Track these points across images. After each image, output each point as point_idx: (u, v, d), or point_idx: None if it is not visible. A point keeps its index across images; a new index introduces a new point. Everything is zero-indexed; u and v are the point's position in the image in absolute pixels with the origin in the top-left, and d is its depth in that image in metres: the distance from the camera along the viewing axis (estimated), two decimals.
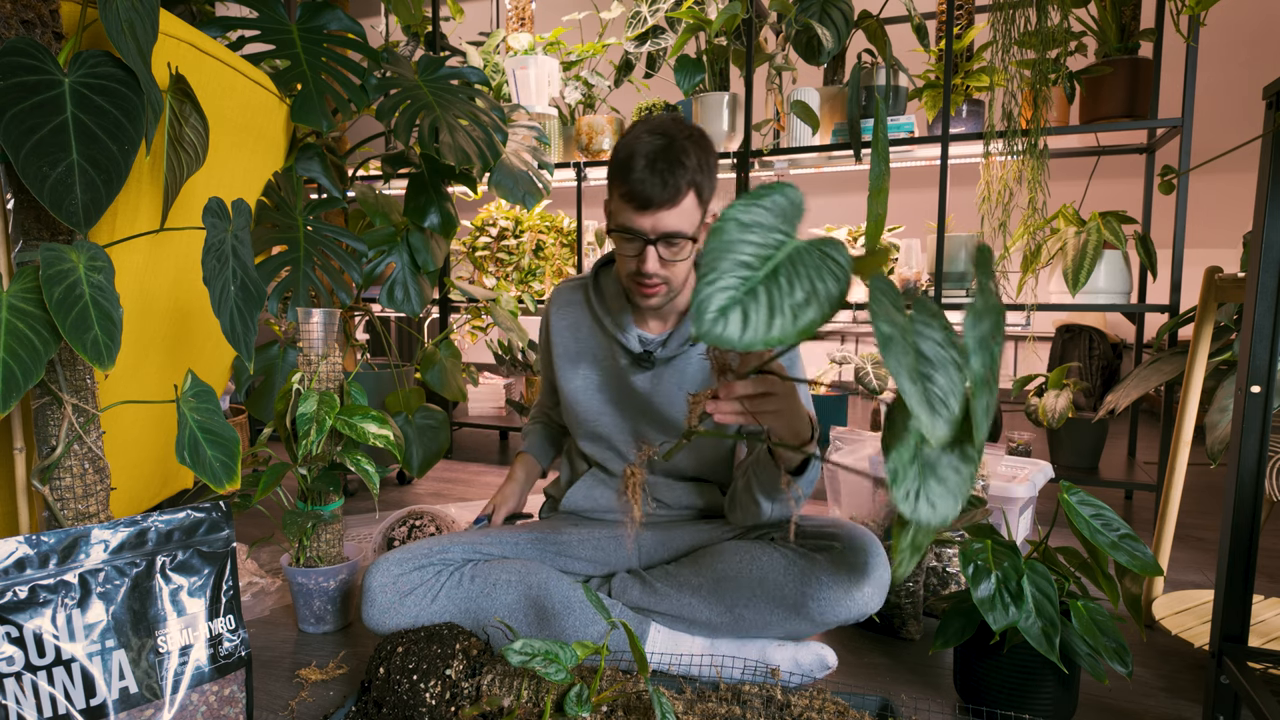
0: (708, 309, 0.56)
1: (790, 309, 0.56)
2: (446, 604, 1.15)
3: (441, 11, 2.67)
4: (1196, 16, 1.73)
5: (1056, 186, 2.08)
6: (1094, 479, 2.05)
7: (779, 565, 1.11)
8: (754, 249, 0.59)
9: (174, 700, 0.90)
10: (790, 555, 1.12)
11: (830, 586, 1.08)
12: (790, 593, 1.09)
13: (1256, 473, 0.94)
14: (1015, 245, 2.06)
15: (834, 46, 2.10)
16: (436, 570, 1.18)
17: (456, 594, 1.16)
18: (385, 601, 1.14)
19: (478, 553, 1.23)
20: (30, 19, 0.88)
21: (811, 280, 0.58)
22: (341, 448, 1.31)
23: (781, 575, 1.10)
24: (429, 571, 1.17)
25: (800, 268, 0.59)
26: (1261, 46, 3.45)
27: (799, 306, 0.56)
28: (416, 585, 1.16)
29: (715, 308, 0.56)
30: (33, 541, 0.84)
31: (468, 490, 2.30)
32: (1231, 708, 0.96)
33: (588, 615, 1.13)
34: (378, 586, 1.15)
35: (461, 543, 1.22)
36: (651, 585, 1.19)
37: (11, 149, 0.79)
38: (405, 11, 2.54)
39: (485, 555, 1.23)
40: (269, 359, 1.82)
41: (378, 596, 1.15)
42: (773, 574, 1.11)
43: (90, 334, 0.81)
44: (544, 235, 2.93)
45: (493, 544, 1.24)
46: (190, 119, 1.04)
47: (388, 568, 1.16)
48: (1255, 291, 0.92)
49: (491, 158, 1.67)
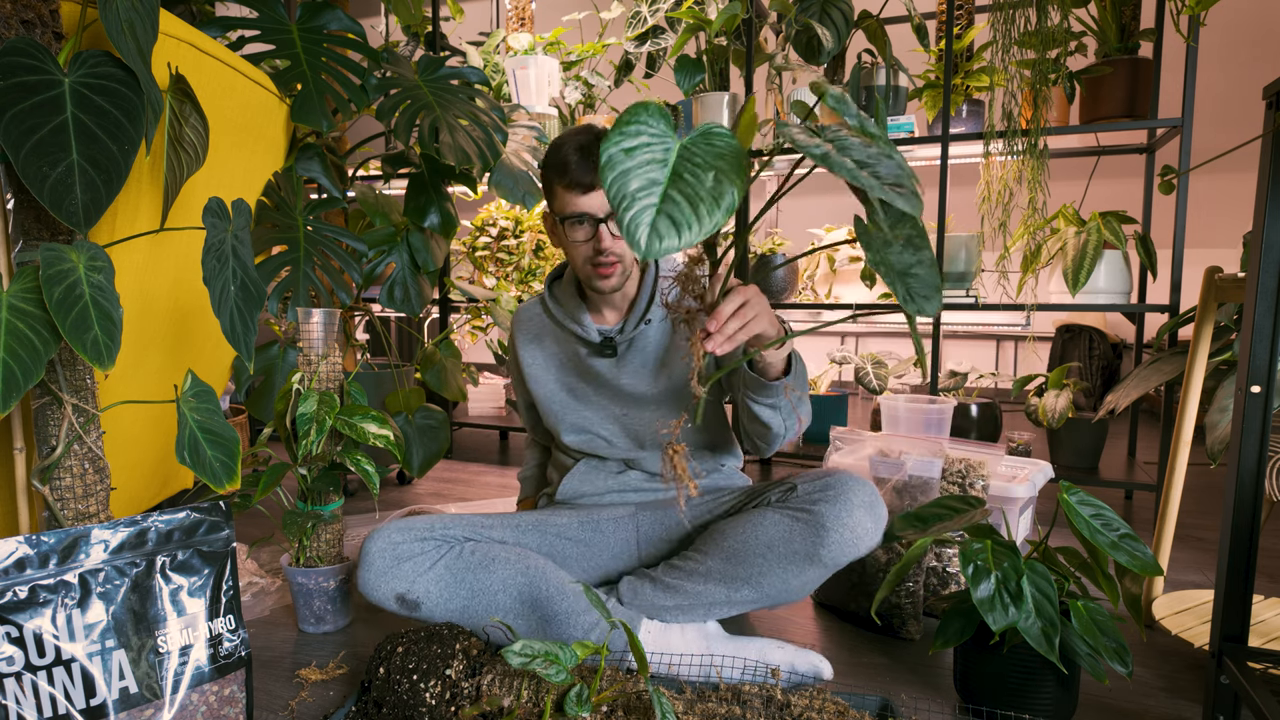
0: (638, 232, 0.59)
1: (709, 195, 0.60)
2: (443, 573, 1.18)
3: (441, 11, 2.67)
4: (1196, 16, 1.73)
5: (1056, 186, 2.08)
6: (1094, 479, 2.05)
7: (783, 525, 1.13)
8: (648, 165, 0.63)
9: (174, 700, 0.90)
10: (791, 513, 1.14)
11: (836, 530, 1.10)
12: (801, 546, 1.12)
13: (1256, 473, 0.94)
14: (1015, 245, 2.06)
15: (834, 46, 2.10)
16: (436, 544, 1.21)
17: (456, 565, 1.18)
18: (382, 565, 1.17)
19: (478, 534, 1.26)
20: (30, 19, 0.88)
21: (712, 164, 0.62)
22: (341, 448, 1.31)
23: (788, 533, 1.13)
24: (429, 544, 1.20)
25: (696, 159, 0.63)
26: (1261, 46, 3.45)
27: (714, 189, 0.60)
28: (416, 554, 1.19)
29: (645, 227, 0.59)
30: (33, 541, 0.84)
31: (468, 490, 2.30)
32: (1231, 708, 0.96)
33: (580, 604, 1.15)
34: (376, 550, 1.18)
35: (463, 523, 1.26)
36: (664, 582, 1.19)
37: (11, 149, 0.79)
38: (405, 11, 2.55)
39: (485, 538, 1.26)
40: (269, 359, 1.82)
41: (375, 560, 1.17)
42: (780, 535, 1.13)
43: (90, 334, 0.81)
44: (544, 235, 2.93)
45: (493, 527, 1.27)
46: (190, 119, 1.04)
47: (389, 534, 1.19)
48: (1255, 291, 0.92)
49: (491, 158, 1.67)
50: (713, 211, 0.59)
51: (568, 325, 1.31)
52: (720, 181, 0.60)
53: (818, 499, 1.14)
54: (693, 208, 0.59)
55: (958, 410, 2.17)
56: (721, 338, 0.91)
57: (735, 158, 0.62)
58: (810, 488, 1.17)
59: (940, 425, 1.65)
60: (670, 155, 0.64)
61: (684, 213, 0.59)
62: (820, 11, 2.13)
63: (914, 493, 1.34)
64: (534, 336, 1.38)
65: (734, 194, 0.60)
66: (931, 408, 1.66)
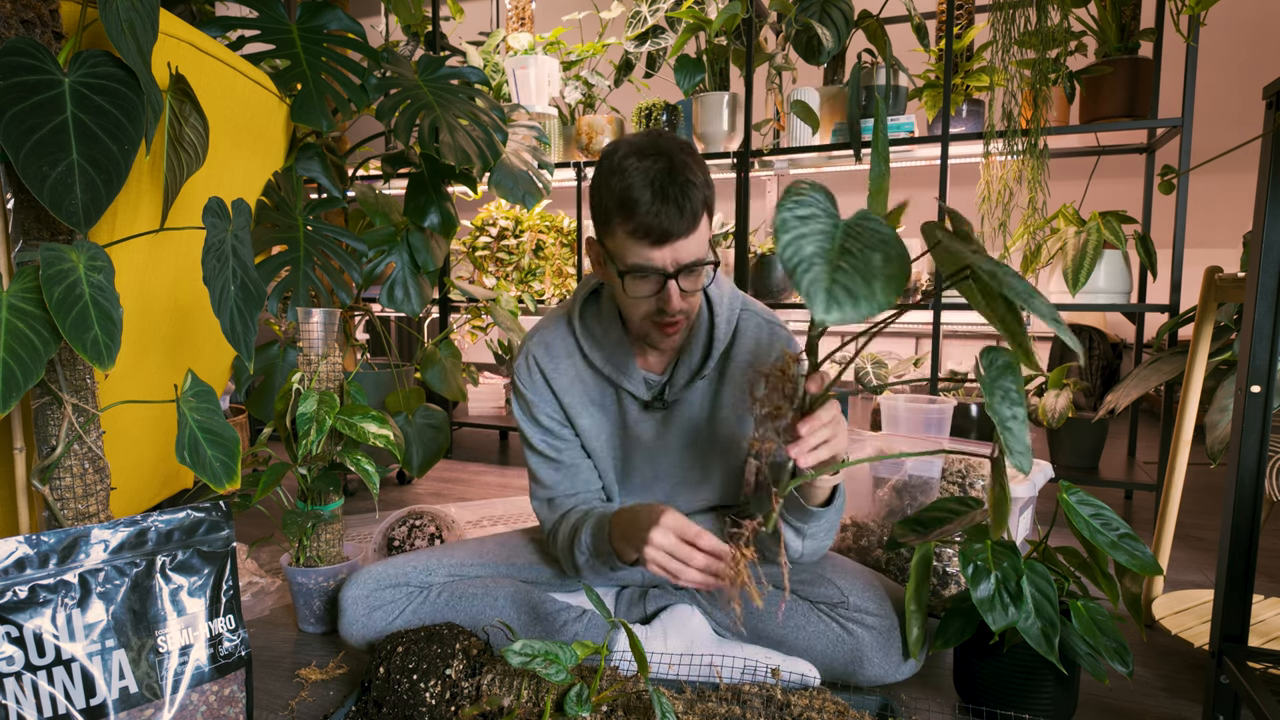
0: (816, 299, 0.59)
1: (881, 273, 0.60)
2: (410, 619, 1.17)
3: (441, 11, 2.67)
4: (1196, 16, 1.73)
5: (1056, 186, 2.08)
6: (1094, 479, 2.05)
7: (826, 638, 1.11)
8: (818, 236, 0.64)
9: (174, 700, 0.90)
10: (835, 628, 1.11)
11: (875, 665, 1.09)
12: (839, 663, 1.10)
13: (1256, 473, 0.94)
14: (1015, 245, 2.06)
15: (834, 46, 2.10)
16: (407, 590, 1.19)
17: (422, 609, 1.18)
18: (354, 614, 1.17)
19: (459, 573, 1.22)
20: (30, 19, 0.88)
21: (878, 246, 0.63)
22: (341, 447, 1.31)
23: (830, 648, 1.11)
24: (401, 590, 1.19)
25: (862, 237, 0.64)
26: (1261, 46, 3.45)
27: (883, 268, 0.61)
28: (386, 602, 1.18)
29: (822, 295, 0.59)
30: (33, 541, 0.84)
31: (468, 490, 2.30)
32: (1231, 708, 0.96)
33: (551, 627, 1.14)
34: (349, 600, 1.18)
35: (446, 563, 1.22)
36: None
37: (11, 149, 0.79)
38: (405, 11, 2.55)
39: (461, 576, 1.22)
40: (269, 359, 1.82)
41: (348, 609, 1.17)
42: (820, 645, 1.11)
43: (90, 334, 0.81)
44: (544, 235, 2.93)
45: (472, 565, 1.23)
46: (190, 119, 1.04)
47: (363, 582, 1.18)
48: (1255, 291, 0.92)
49: (491, 157, 1.66)
50: (885, 289, 0.59)
51: (611, 376, 1.13)
52: (889, 262, 0.61)
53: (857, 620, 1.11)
54: (865, 283, 0.60)
55: (958, 410, 2.16)
56: (808, 447, 0.84)
57: (899, 244, 0.63)
58: (861, 600, 1.12)
59: (940, 425, 1.65)
60: (837, 231, 0.65)
61: (857, 285, 0.59)
62: (820, 11, 2.13)
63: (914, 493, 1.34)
64: (573, 379, 1.14)
65: (903, 276, 0.60)
66: (931, 408, 1.66)
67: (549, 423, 1.16)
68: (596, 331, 1.14)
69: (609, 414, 1.17)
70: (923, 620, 1.10)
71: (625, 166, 0.95)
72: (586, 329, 1.14)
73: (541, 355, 1.15)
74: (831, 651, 1.11)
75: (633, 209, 0.94)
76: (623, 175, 0.95)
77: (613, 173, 0.96)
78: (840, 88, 2.29)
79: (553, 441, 1.17)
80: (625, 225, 0.95)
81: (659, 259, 0.96)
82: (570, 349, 1.15)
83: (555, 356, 1.15)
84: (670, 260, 0.96)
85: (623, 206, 0.95)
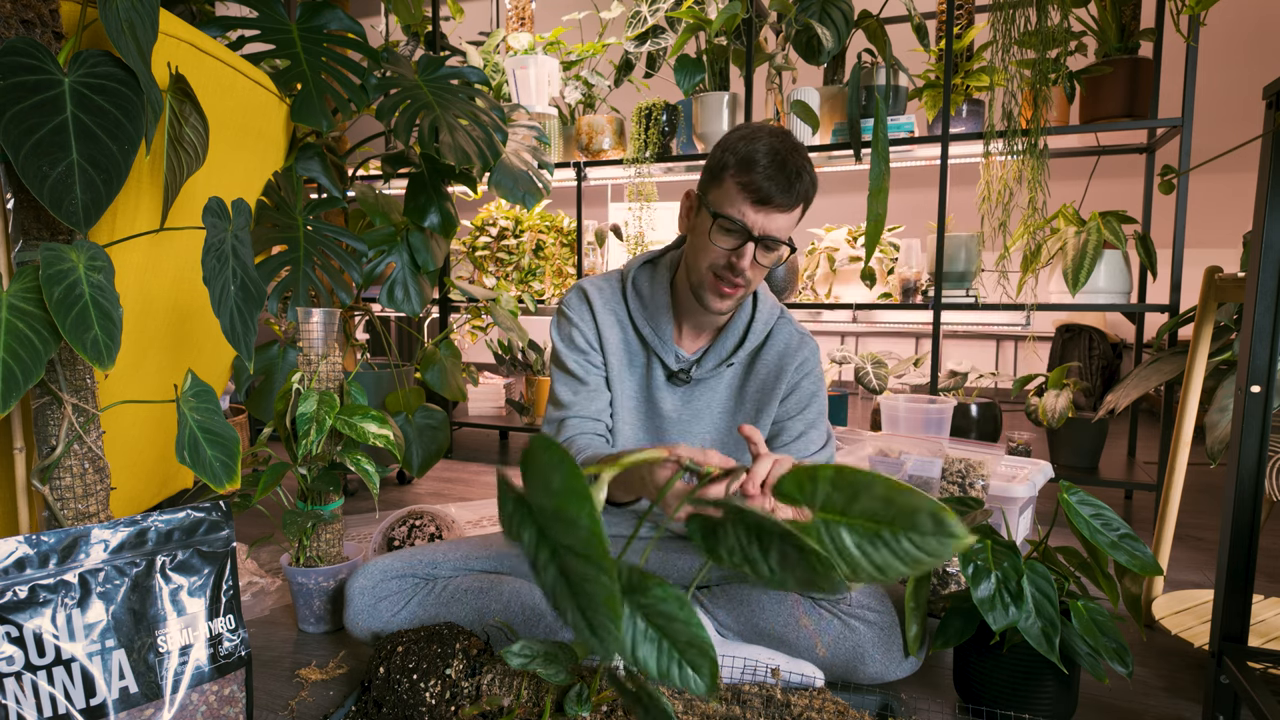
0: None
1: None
2: (416, 610, 1.18)
3: (441, 11, 2.67)
4: (1196, 16, 1.73)
5: (1056, 186, 2.08)
6: (1094, 479, 2.05)
7: (826, 635, 1.12)
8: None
9: (174, 700, 0.90)
10: (835, 624, 1.12)
11: (876, 662, 1.10)
12: (840, 660, 1.11)
13: (1256, 473, 0.94)
14: (1015, 245, 2.06)
15: (834, 46, 2.10)
16: (413, 581, 1.20)
17: (426, 601, 1.18)
18: (360, 604, 1.18)
19: (466, 566, 1.23)
20: (30, 18, 0.88)
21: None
22: (341, 447, 1.31)
23: (831, 644, 1.11)
24: (406, 581, 1.20)
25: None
26: (1261, 46, 3.45)
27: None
28: (392, 592, 1.19)
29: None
30: (33, 541, 0.84)
31: (468, 490, 2.30)
32: (1231, 708, 0.96)
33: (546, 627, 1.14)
34: (356, 590, 1.19)
35: (453, 556, 1.23)
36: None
37: (11, 149, 0.79)
38: (405, 11, 2.55)
39: (467, 570, 1.23)
40: (269, 359, 1.82)
41: (354, 600, 1.18)
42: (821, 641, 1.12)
43: (90, 334, 0.81)
44: (544, 235, 2.93)
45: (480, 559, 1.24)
46: (190, 119, 1.04)
47: (370, 573, 1.19)
48: (1255, 291, 0.92)
49: (491, 157, 1.67)
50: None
51: (647, 337, 1.19)
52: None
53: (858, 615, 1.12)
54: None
55: (958, 410, 2.16)
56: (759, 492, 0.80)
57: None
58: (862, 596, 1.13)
59: (940, 425, 1.65)
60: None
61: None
62: (820, 11, 2.14)
63: None
64: (614, 325, 1.20)
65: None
66: (931, 408, 1.66)
67: (584, 345, 1.21)
68: (645, 294, 1.21)
69: (636, 374, 1.22)
70: (922, 618, 1.10)
71: (758, 135, 1.06)
72: (636, 290, 1.21)
73: (593, 292, 1.22)
74: (832, 648, 1.11)
75: (750, 167, 1.03)
76: (752, 141, 1.05)
77: (743, 138, 1.06)
78: (840, 88, 2.29)
79: (583, 362, 1.21)
80: (738, 178, 1.04)
81: (751, 218, 1.04)
82: (618, 301, 1.22)
83: (605, 299, 1.22)
84: (760, 225, 1.05)
85: (742, 163, 1.04)
